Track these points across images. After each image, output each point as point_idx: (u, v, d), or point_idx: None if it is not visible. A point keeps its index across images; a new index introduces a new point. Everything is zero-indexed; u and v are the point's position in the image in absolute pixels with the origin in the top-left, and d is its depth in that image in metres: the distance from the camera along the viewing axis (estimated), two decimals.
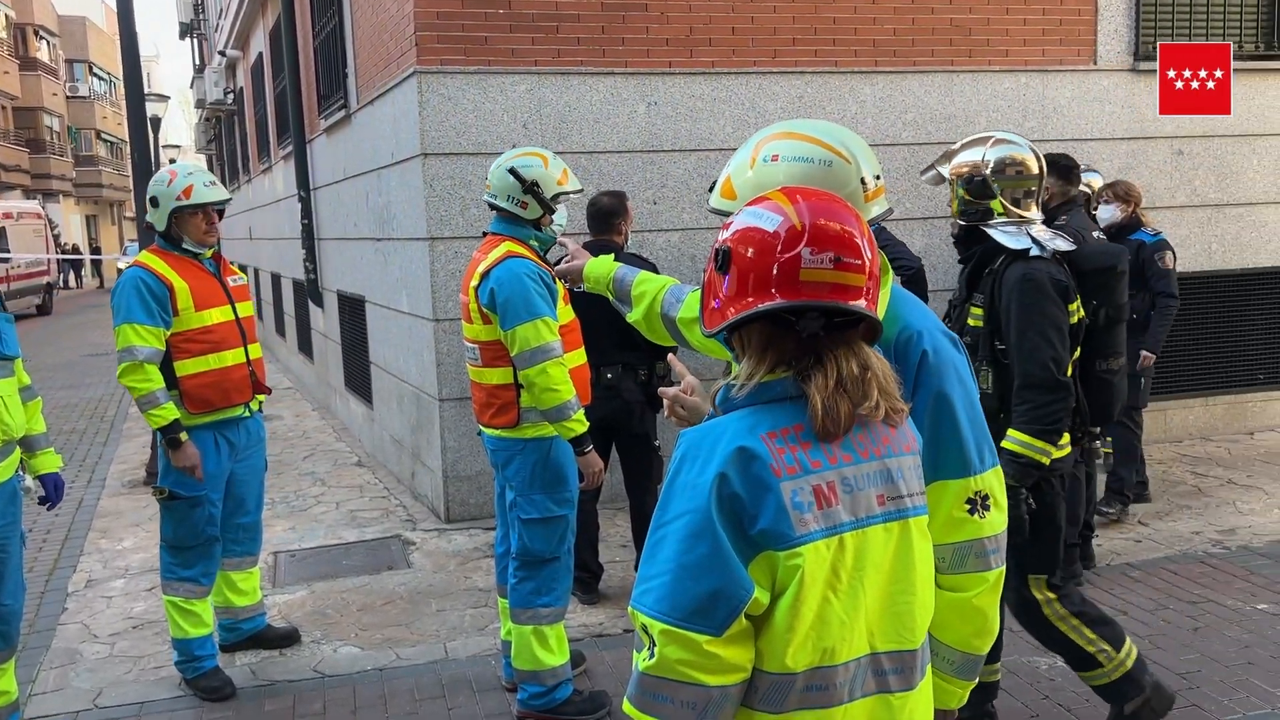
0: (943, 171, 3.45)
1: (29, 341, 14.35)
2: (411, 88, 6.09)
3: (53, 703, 4.20)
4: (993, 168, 3.34)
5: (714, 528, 1.49)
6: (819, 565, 1.51)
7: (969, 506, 1.89)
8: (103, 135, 49.56)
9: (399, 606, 5.08)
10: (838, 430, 1.53)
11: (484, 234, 3.88)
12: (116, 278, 4.46)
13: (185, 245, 4.23)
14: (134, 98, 8.30)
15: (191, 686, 4.21)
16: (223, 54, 17.16)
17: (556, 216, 3.86)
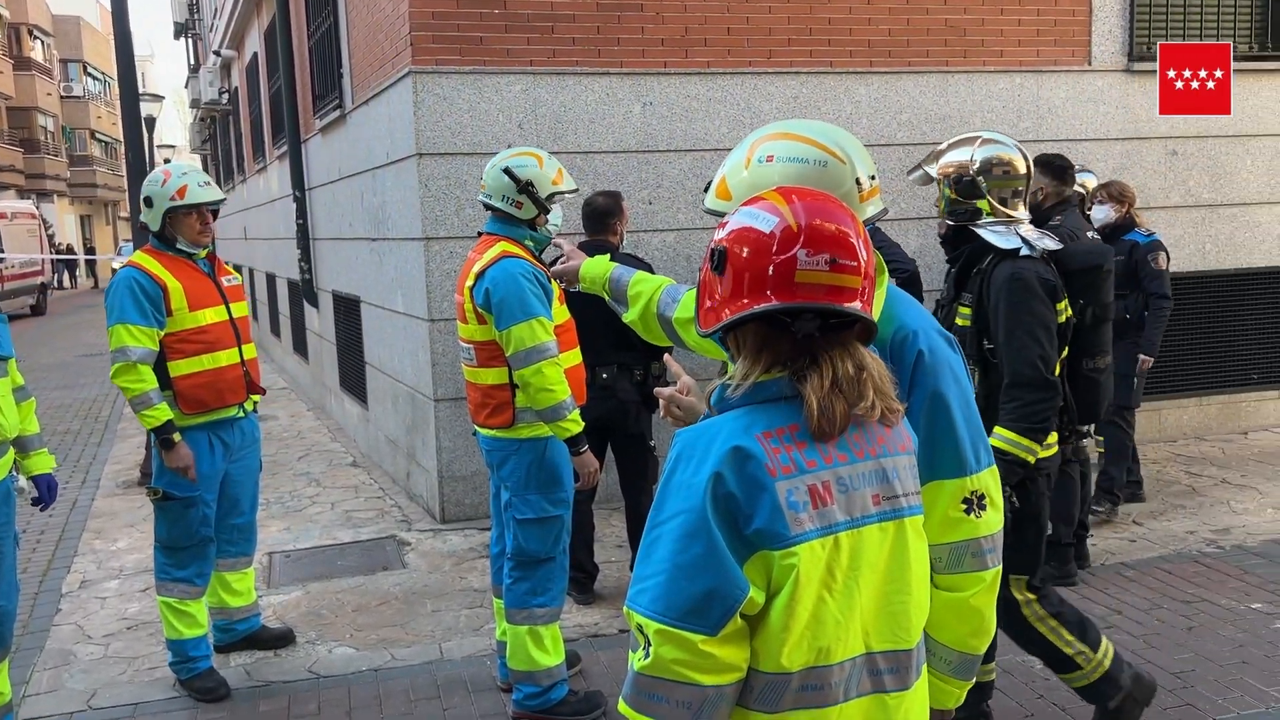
0: (930, 171, 3.46)
1: (23, 342, 14.32)
2: (406, 88, 6.08)
3: (47, 704, 4.19)
4: (980, 167, 3.34)
5: (709, 527, 1.49)
6: (814, 565, 1.51)
7: (965, 506, 1.89)
8: (97, 135, 49.42)
9: (394, 607, 5.08)
10: (833, 430, 1.54)
11: (479, 234, 3.88)
12: (111, 278, 4.44)
13: (180, 245, 4.22)
14: (128, 98, 8.29)
15: (186, 687, 4.20)
16: (217, 54, 17.11)
17: (552, 216, 3.86)
